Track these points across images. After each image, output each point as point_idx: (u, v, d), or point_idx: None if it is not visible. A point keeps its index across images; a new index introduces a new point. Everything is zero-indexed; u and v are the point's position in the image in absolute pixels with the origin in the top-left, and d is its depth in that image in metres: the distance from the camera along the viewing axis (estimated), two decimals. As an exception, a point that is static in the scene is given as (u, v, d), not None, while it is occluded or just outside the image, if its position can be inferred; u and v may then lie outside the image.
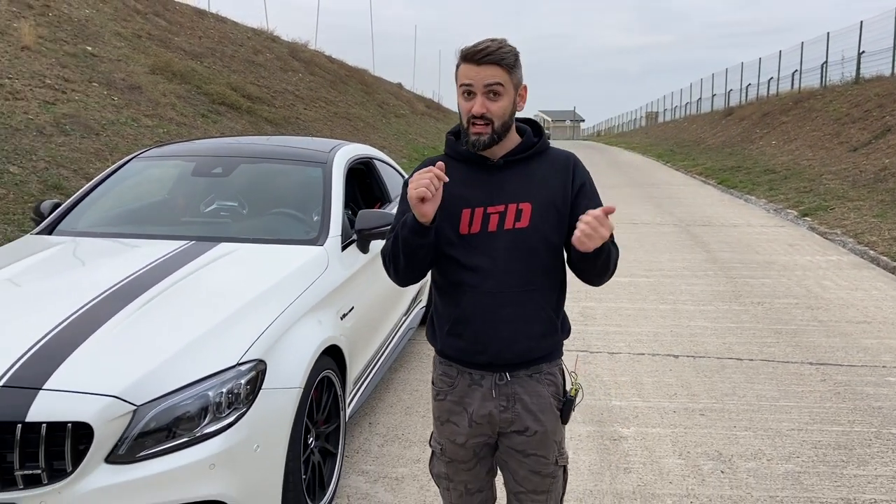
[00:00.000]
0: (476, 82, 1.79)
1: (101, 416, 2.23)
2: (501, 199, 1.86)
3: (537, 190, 1.88)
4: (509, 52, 1.81)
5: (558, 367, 2.00)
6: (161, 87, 13.03)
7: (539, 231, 1.86)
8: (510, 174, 1.89)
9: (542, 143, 1.95)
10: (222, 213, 3.83)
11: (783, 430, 3.78)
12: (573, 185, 1.91)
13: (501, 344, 1.88)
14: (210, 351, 2.51)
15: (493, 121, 1.81)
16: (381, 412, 3.95)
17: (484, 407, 1.92)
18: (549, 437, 1.95)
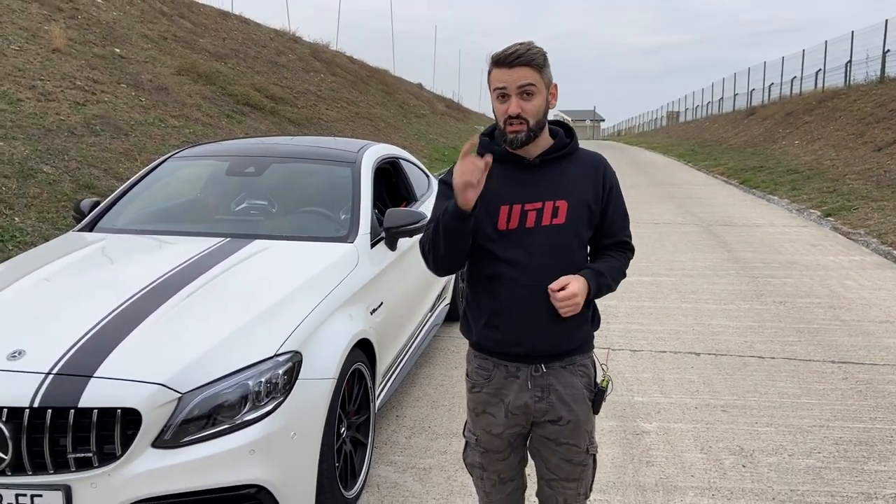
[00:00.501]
0: (509, 84, 1.88)
1: (148, 403, 2.35)
2: (539, 196, 1.96)
3: (572, 188, 1.98)
4: (538, 52, 1.90)
5: (590, 358, 2.09)
6: (187, 87, 13.25)
7: (573, 228, 1.97)
8: (546, 172, 1.99)
9: (573, 143, 2.05)
10: (255, 212, 3.96)
11: (804, 426, 3.83)
12: (604, 186, 2.03)
13: (537, 336, 1.97)
14: (249, 342, 2.62)
15: (528, 119, 1.90)
16: (408, 405, 4.05)
17: (520, 398, 2.01)
18: (582, 426, 2.04)
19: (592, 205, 2.00)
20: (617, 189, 2.06)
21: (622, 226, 2.10)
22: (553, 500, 2.12)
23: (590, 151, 2.08)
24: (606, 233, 2.07)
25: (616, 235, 2.09)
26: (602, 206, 2.03)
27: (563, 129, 2.07)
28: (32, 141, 8.28)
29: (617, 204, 2.05)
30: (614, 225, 2.07)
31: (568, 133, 2.07)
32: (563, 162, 2.01)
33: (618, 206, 2.06)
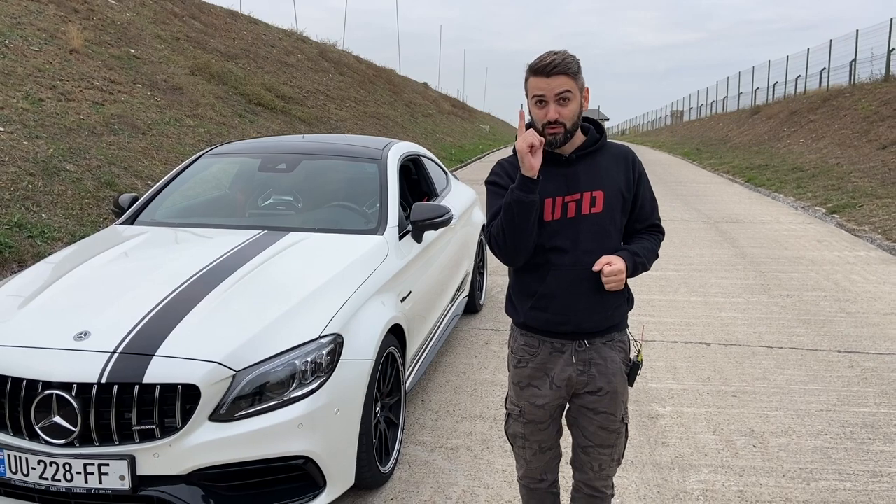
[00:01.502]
0: (547, 93, 2.07)
1: (206, 380, 2.54)
2: (577, 188, 2.16)
3: (606, 179, 2.19)
4: (572, 61, 2.09)
5: (626, 335, 2.30)
6: (200, 87, 13.46)
7: (610, 215, 2.17)
8: (581, 167, 2.19)
9: (603, 138, 2.25)
10: (288, 206, 4.16)
11: (812, 410, 4.01)
12: (633, 176, 2.24)
13: (582, 315, 2.17)
14: (295, 325, 2.81)
15: (566, 123, 2.10)
16: (433, 391, 4.24)
17: (564, 371, 2.21)
18: (618, 397, 2.25)
19: (625, 192, 2.20)
20: (645, 177, 2.27)
21: (651, 211, 2.29)
22: (588, 465, 2.31)
23: (618, 144, 2.28)
24: (638, 217, 2.27)
25: (647, 219, 2.29)
26: (633, 192, 2.23)
27: (593, 125, 2.26)
28: (55, 140, 8.49)
29: (646, 190, 2.27)
30: (645, 209, 2.28)
31: (598, 129, 2.26)
32: (596, 156, 2.21)
33: (647, 192, 2.27)
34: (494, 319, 5.68)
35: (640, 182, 2.24)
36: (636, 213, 2.26)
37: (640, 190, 2.25)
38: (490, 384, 4.35)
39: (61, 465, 2.51)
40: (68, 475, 2.50)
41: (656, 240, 2.31)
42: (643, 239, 2.27)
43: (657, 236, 2.31)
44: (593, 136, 2.22)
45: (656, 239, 2.31)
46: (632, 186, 2.22)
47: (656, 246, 2.30)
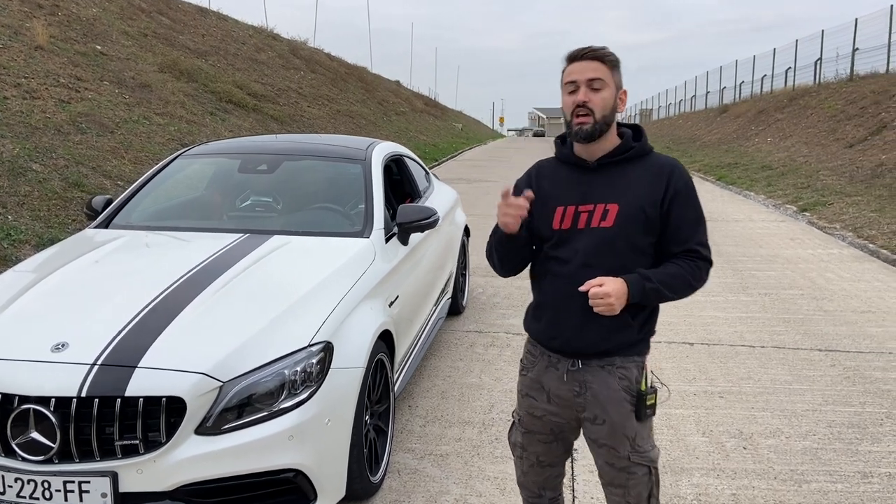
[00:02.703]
0: (580, 77, 1.97)
1: (192, 392, 2.44)
2: (592, 198, 2.02)
3: (626, 192, 2.00)
4: (609, 53, 2.00)
5: (634, 363, 2.05)
6: (170, 85, 13.19)
7: (623, 232, 1.98)
8: (603, 176, 2.03)
9: (640, 147, 2.04)
10: (271, 208, 4.04)
11: (798, 410, 4.02)
12: (667, 192, 1.99)
13: (571, 332, 2.03)
14: (283, 333, 2.72)
15: (595, 111, 1.96)
16: (419, 396, 4.16)
17: (560, 388, 2.09)
18: (618, 429, 2.03)
19: (648, 209, 1.98)
20: (686, 194, 2.00)
21: (691, 234, 2.01)
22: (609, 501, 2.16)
23: (664, 157, 2.07)
24: (672, 239, 2.01)
25: (684, 243, 2.01)
26: (663, 210, 1.99)
27: (633, 132, 2.09)
28: (20, 139, 8.23)
29: (685, 210, 2.00)
30: (680, 232, 2.00)
31: (636, 137, 2.08)
32: (626, 165, 2.03)
33: (686, 213, 2.00)
34: (478, 321, 5.63)
35: (674, 200, 1.99)
36: (669, 234, 2.01)
37: (675, 208, 1.99)
38: (476, 388, 4.29)
39: (40, 483, 2.39)
40: (47, 493, 2.39)
41: (691, 267, 2.00)
42: (671, 264, 2.01)
43: (694, 263, 2.00)
44: (625, 145, 2.05)
45: (691, 266, 2.00)
46: (661, 203, 1.99)
47: (689, 273, 1.99)
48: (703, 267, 2.03)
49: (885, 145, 14.72)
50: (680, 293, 2.00)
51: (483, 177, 17.34)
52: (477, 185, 15.52)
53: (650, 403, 2.04)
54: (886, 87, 18.48)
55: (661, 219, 2.01)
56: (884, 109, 17.02)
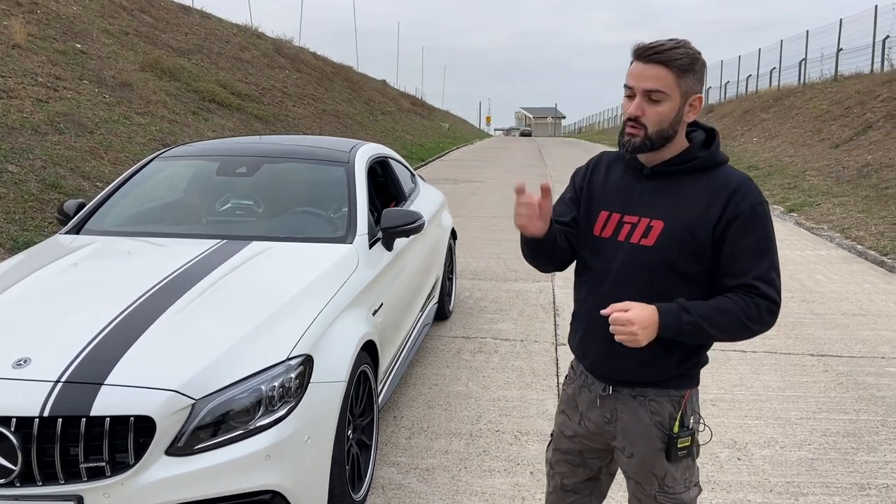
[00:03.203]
0: (637, 84, 1.70)
1: (162, 410, 2.30)
2: (639, 210, 1.79)
3: (676, 209, 1.74)
4: (684, 54, 1.69)
5: (669, 398, 1.83)
6: (151, 84, 12.97)
7: (665, 254, 1.74)
8: (656, 186, 1.79)
9: (705, 158, 1.78)
10: (250, 213, 3.90)
11: (792, 418, 3.93)
12: (724, 214, 1.71)
13: (597, 355, 1.87)
14: (260, 346, 2.59)
15: (647, 126, 1.71)
16: (404, 406, 4.04)
17: (592, 412, 1.93)
18: (646, 466, 1.85)
19: (698, 232, 1.71)
20: (750, 220, 1.70)
21: (749, 266, 1.70)
22: None
23: (734, 172, 1.78)
24: (726, 271, 1.72)
25: (740, 276, 1.70)
26: (716, 236, 1.71)
27: (706, 136, 1.84)
28: (-5, 139, 8.01)
29: (744, 239, 1.69)
30: (735, 263, 1.70)
31: (706, 144, 1.82)
32: (685, 178, 1.77)
33: (745, 242, 1.70)
34: (465, 326, 5.51)
35: (732, 226, 1.70)
36: (724, 264, 1.72)
37: (731, 234, 1.70)
38: (464, 397, 4.17)
39: (-2, 509, 2.24)
40: (7, 519, 2.24)
41: (746, 303, 1.68)
42: (725, 297, 1.71)
43: (752, 300, 1.69)
44: (688, 154, 1.78)
45: (746, 302, 1.68)
46: (714, 228, 1.70)
47: (742, 310, 1.68)
48: (762, 306, 1.69)
49: (870, 146, 14.75)
50: (729, 332, 1.70)
51: (470, 177, 17.23)
52: (464, 185, 15.41)
53: (683, 446, 1.82)
54: (871, 87, 18.56)
55: (715, 245, 1.72)
56: (869, 110, 17.08)
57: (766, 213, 1.74)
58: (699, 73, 1.74)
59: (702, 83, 1.78)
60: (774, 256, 1.73)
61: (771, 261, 1.72)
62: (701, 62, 1.76)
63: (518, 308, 6.00)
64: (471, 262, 7.67)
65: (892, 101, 16.32)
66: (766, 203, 1.76)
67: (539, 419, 3.89)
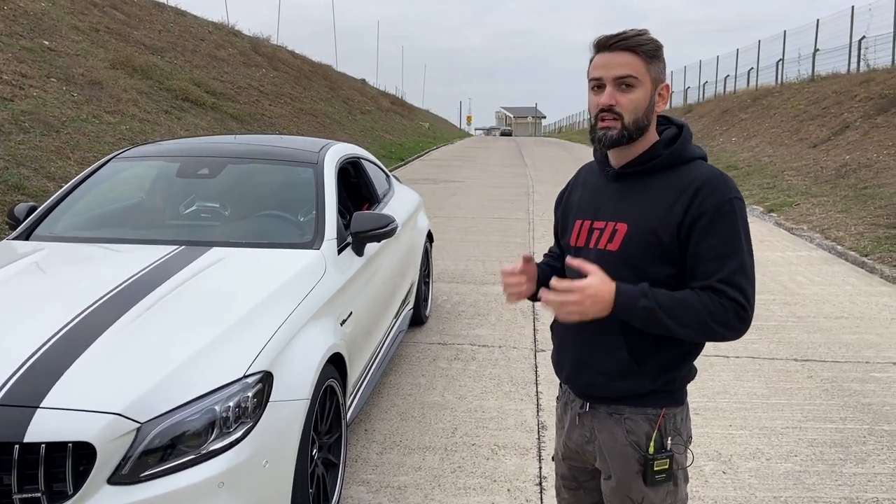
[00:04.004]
0: (605, 73, 1.62)
1: (103, 435, 2.11)
2: (606, 214, 1.71)
3: (640, 210, 1.65)
4: (649, 40, 1.63)
5: (646, 416, 1.70)
6: (122, 82, 12.65)
7: (630, 259, 1.64)
8: (623, 188, 1.71)
9: (670, 155, 1.67)
10: (211, 217, 3.70)
11: (778, 428, 3.81)
12: (688, 213, 1.59)
13: (571, 369, 1.80)
14: (214, 362, 2.40)
15: (623, 115, 1.62)
16: (377, 418, 3.86)
17: (573, 430, 1.83)
18: (623, 489, 1.72)
19: (662, 233, 1.61)
20: (715, 219, 1.58)
21: (714, 270, 1.57)
22: None
23: (703, 168, 1.66)
24: (691, 273, 1.61)
25: (705, 279, 1.58)
26: (681, 237, 1.61)
27: (677, 130, 1.73)
28: (-45, 138, 7.71)
29: (710, 240, 1.58)
30: (700, 265, 1.59)
31: (673, 140, 1.70)
32: (651, 177, 1.68)
33: (712, 244, 1.58)
34: (441, 332, 5.34)
35: (696, 226, 1.58)
36: (689, 267, 1.62)
37: (695, 235, 1.58)
38: (439, 408, 4.00)
39: (-79, 547, 2.04)
40: (-70, 558, 2.04)
41: (712, 302, 1.56)
42: (690, 291, 1.60)
43: (717, 300, 1.56)
44: (653, 151, 1.68)
45: (713, 301, 1.56)
46: (678, 228, 1.60)
47: (705, 308, 1.55)
48: (728, 308, 1.55)
49: (848, 145, 14.80)
50: (690, 329, 1.57)
51: (450, 177, 17.06)
52: (444, 185, 15.24)
53: (661, 469, 1.68)
54: (848, 87, 18.66)
55: (682, 247, 1.62)
56: (846, 110, 17.16)
57: (735, 210, 1.60)
58: (663, 61, 1.69)
59: (665, 73, 1.71)
60: (745, 258, 1.60)
61: (740, 262, 1.58)
62: (663, 52, 1.70)
63: (496, 312, 5.84)
64: (449, 264, 7.51)
65: (870, 102, 16.41)
66: (738, 199, 1.62)
67: (517, 431, 3.74)
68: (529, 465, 3.38)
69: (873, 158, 13.10)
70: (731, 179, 1.66)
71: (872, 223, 9.38)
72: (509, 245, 8.60)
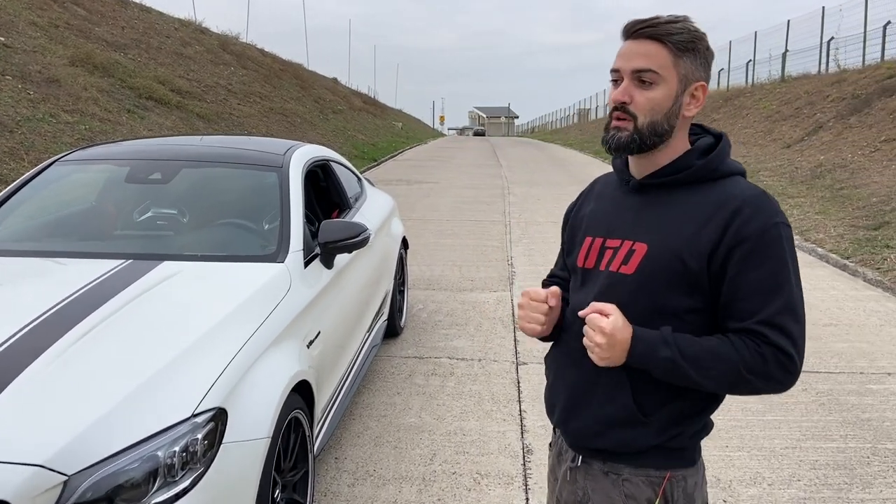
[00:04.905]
0: (624, 64, 1.37)
1: (23, 491, 1.79)
2: (622, 231, 1.45)
3: (664, 228, 1.39)
4: (683, 29, 1.37)
5: (648, 479, 1.43)
6: (82, 80, 12.14)
7: (647, 285, 1.38)
8: (644, 202, 1.44)
9: (702, 167, 1.41)
10: (164, 227, 3.36)
11: (777, 448, 3.58)
12: (724, 239, 1.33)
13: (563, 411, 1.53)
14: (158, 400, 2.08)
15: (637, 116, 1.37)
16: (348, 444, 3.55)
17: (564, 487, 1.56)
18: None
19: (688, 258, 1.35)
20: (759, 249, 1.31)
21: (755, 308, 1.31)
22: None
23: (743, 185, 1.40)
24: (726, 312, 1.36)
25: (743, 319, 1.33)
26: (714, 266, 1.34)
27: (713, 139, 1.48)
28: None
29: (751, 272, 1.32)
30: (738, 303, 1.33)
31: (708, 149, 1.44)
32: (680, 191, 1.42)
33: (752, 277, 1.32)
34: (418, 344, 5.05)
35: (734, 254, 1.32)
36: (724, 302, 1.36)
37: (733, 267, 1.33)
38: (416, 431, 3.71)
39: None
40: None
41: (748, 349, 1.31)
42: (721, 339, 1.35)
43: (754, 346, 1.31)
44: (684, 161, 1.42)
45: (748, 348, 1.31)
46: (710, 256, 1.34)
47: (739, 357, 1.31)
48: (769, 356, 1.30)
49: (822, 146, 14.81)
50: (721, 383, 1.33)
51: (424, 178, 16.76)
52: (418, 186, 14.93)
53: None
54: (820, 87, 18.75)
55: (714, 278, 1.35)
56: (819, 110, 17.21)
57: (781, 237, 1.35)
58: (703, 56, 1.41)
59: (707, 71, 1.42)
60: (793, 294, 1.34)
61: (786, 300, 1.33)
62: (706, 45, 1.41)
63: (475, 322, 5.56)
64: (424, 270, 7.21)
65: (842, 102, 16.47)
66: (785, 225, 1.37)
67: (500, 456, 3.46)
68: (515, 497, 3.10)
69: (848, 158, 13.10)
70: (775, 201, 1.40)
71: (852, 225, 9.29)
72: (486, 249, 8.34)
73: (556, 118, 72.38)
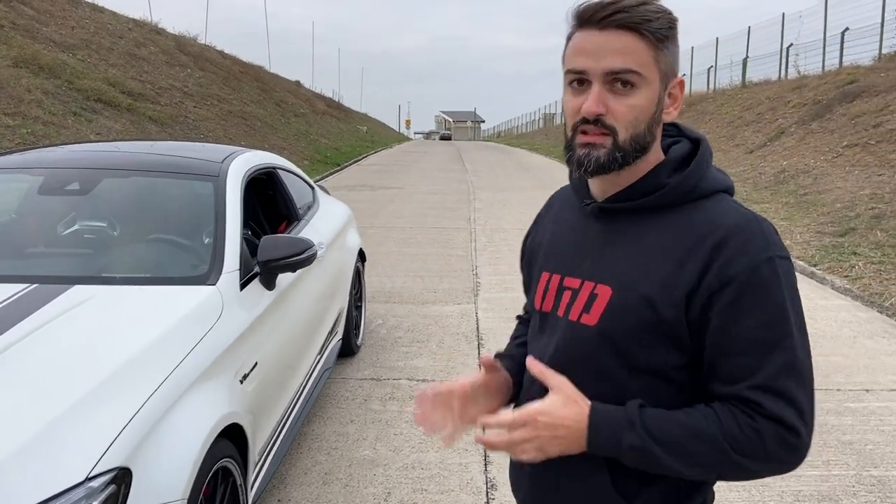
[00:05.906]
0: (593, 64, 1.04)
1: None
2: (581, 269, 1.15)
3: (629, 267, 1.09)
4: (659, 12, 1.06)
5: None
6: (25, 81, 11.57)
7: (614, 339, 1.09)
8: (609, 230, 1.14)
9: (678, 185, 1.11)
10: (77, 245, 2.98)
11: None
12: (705, 279, 1.03)
13: (529, 492, 1.24)
14: (48, 459, 1.73)
15: (617, 129, 1.05)
16: (293, 482, 3.21)
17: None
18: None
19: (663, 307, 1.05)
20: (752, 294, 1.02)
21: (748, 368, 1.02)
22: None
23: (728, 207, 1.10)
24: (712, 371, 1.06)
25: (732, 383, 1.03)
26: (692, 314, 1.04)
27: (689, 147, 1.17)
28: None
29: (740, 322, 1.02)
30: (726, 360, 1.04)
31: (686, 160, 1.14)
32: (654, 215, 1.12)
33: (742, 328, 1.02)
34: (375, 364, 4.72)
35: (718, 298, 1.03)
36: (708, 360, 1.06)
37: (718, 316, 1.03)
38: (370, 465, 3.39)
39: None
40: None
41: (736, 423, 1.02)
42: (701, 412, 1.05)
43: (746, 421, 1.02)
44: (653, 180, 1.12)
45: (737, 422, 1.02)
46: (688, 300, 1.05)
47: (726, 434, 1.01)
48: (766, 431, 1.01)
49: (784, 151, 14.86)
50: (706, 468, 1.03)
51: (388, 183, 16.41)
52: (382, 192, 14.58)
53: None
54: (781, 93, 18.89)
55: (695, 328, 1.05)
56: (780, 115, 17.31)
57: (778, 276, 1.05)
58: (677, 43, 1.12)
59: (678, 60, 1.13)
60: (795, 349, 1.04)
61: (787, 358, 1.03)
62: (677, 28, 1.11)
63: (437, 338, 5.26)
64: (385, 281, 6.89)
65: (804, 107, 16.57)
66: (783, 259, 1.07)
67: (462, 493, 3.16)
68: (478, 542, 2.80)
69: (811, 164, 13.12)
70: (770, 227, 1.09)
71: (817, 231, 9.22)
72: (450, 258, 8.05)
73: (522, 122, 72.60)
